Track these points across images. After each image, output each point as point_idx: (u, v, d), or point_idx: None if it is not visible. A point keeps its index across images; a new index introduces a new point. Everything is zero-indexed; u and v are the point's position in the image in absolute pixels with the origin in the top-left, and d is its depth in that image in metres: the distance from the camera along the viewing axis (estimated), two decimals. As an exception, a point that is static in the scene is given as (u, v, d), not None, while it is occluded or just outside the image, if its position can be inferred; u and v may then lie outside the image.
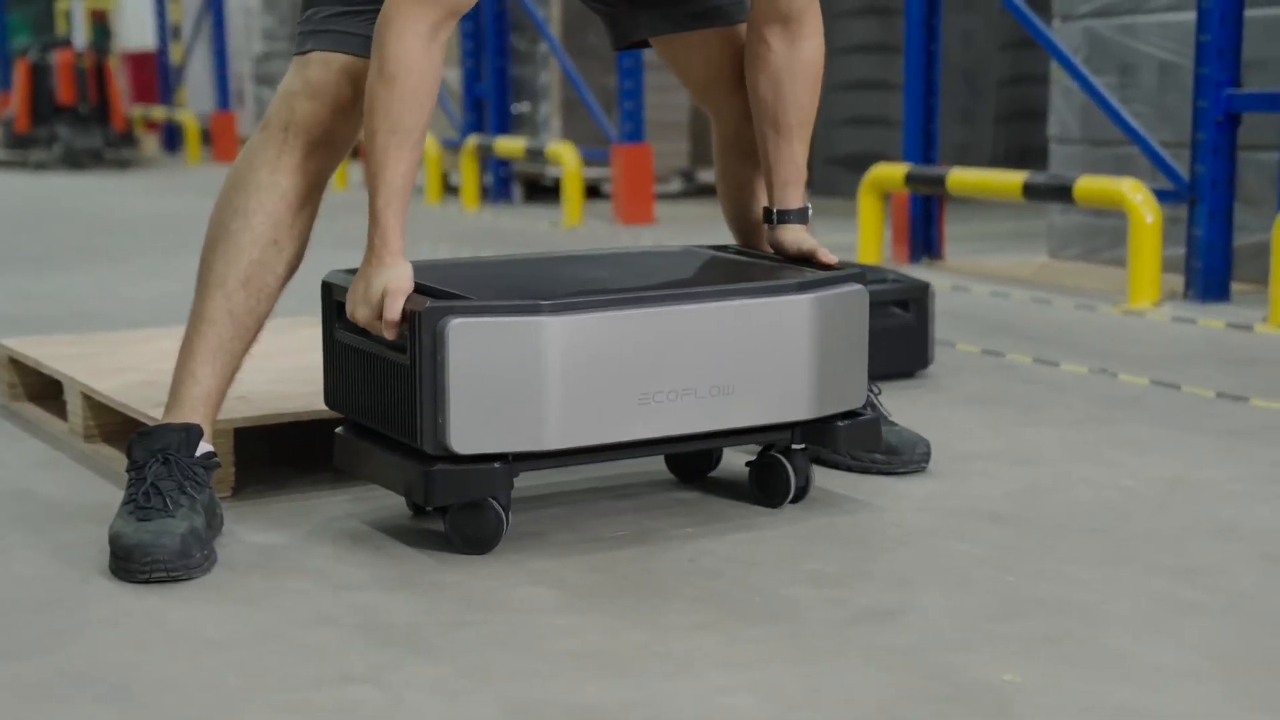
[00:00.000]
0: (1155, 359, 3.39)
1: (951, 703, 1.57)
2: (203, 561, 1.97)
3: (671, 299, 2.08)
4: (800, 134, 2.35)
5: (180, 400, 2.13)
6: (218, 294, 2.12)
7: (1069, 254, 4.99)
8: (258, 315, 2.16)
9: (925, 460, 2.45)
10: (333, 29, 2.13)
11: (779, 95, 2.32)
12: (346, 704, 1.58)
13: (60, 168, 9.66)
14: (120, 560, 1.95)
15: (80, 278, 4.81)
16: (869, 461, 2.43)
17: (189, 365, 2.13)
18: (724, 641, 1.75)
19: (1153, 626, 1.78)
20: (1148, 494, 2.33)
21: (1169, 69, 4.55)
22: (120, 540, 1.96)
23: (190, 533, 1.96)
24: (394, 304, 1.98)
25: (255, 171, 2.14)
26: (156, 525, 1.96)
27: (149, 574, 1.93)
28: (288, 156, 2.13)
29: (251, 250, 2.12)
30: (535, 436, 2.00)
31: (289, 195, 2.13)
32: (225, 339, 2.13)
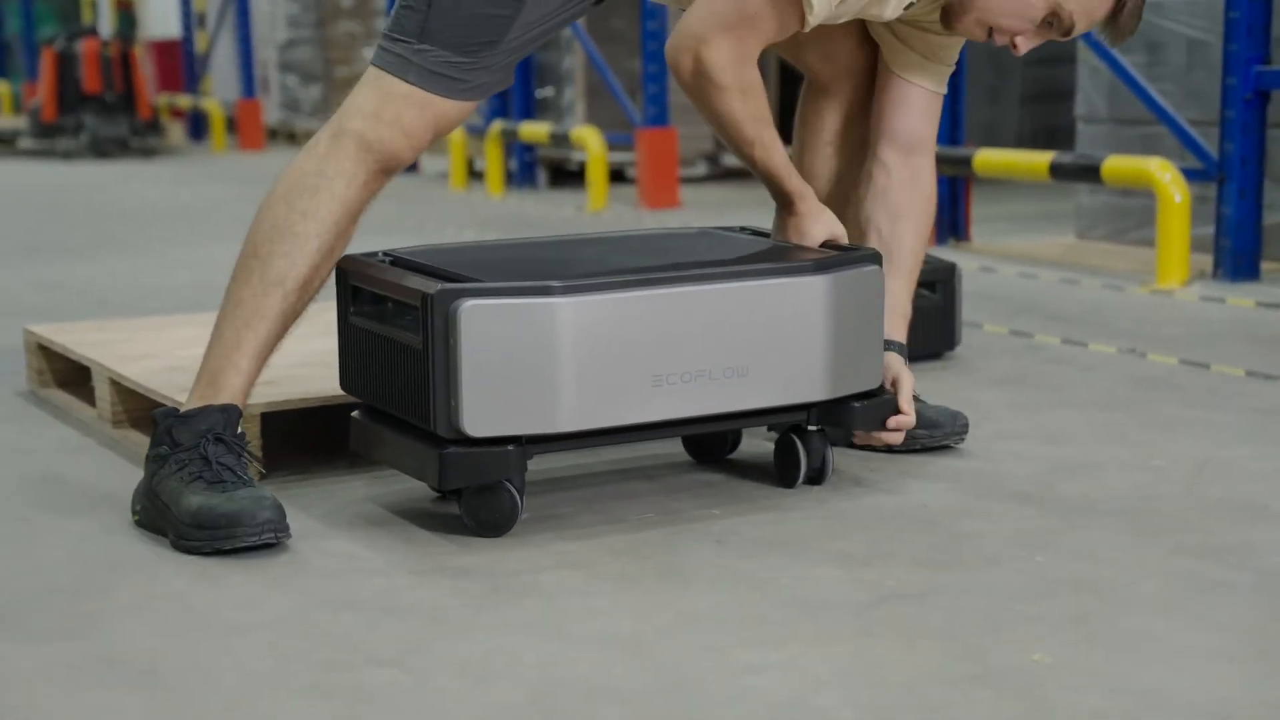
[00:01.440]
0: (1184, 338, 3.37)
1: (979, 683, 1.56)
2: (289, 526, 2.02)
3: (685, 279, 2.07)
4: (913, 269, 2.45)
5: (220, 388, 2.13)
6: (276, 292, 2.13)
7: (1097, 234, 4.96)
8: (299, 315, 2.18)
9: (965, 431, 2.46)
10: (445, 74, 2.13)
11: (895, 234, 2.43)
12: (373, 687, 1.58)
13: (87, 156, 9.70)
14: (220, 530, 1.97)
15: (105, 266, 4.83)
16: (909, 438, 2.42)
17: (232, 356, 2.13)
18: (750, 623, 1.74)
19: (1181, 606, 1.77)
20: (1176, 474, 2.32)
21: (1197, 46, 4.51)
22: (214, 511, 1.98)
23: (276, 498, 2.02)
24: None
25: (330, 181, 2.14)
26: (248, 493, 2.00)
27: (259, 537, 1.97)
28: (362, 173, 2.15)
29: (316, 257, 2.14)
30: (548, 419, 2.00)
31: (354, 210, 2.16)
32: (273, 338, 2.15)
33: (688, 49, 2.20)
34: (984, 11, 2.25)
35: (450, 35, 2.12)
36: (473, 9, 2.12)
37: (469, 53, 2.13)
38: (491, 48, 2.13)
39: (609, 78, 6.62)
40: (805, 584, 1.87)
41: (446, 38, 2.12)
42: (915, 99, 2.44)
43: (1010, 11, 2.24)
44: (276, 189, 2.17)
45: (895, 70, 2.43)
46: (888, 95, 2.45)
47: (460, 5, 2.12)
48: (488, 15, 2.12)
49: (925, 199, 2.46)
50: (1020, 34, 2.27)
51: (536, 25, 2.16)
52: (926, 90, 2.44)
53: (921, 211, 2.45)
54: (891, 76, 2.44)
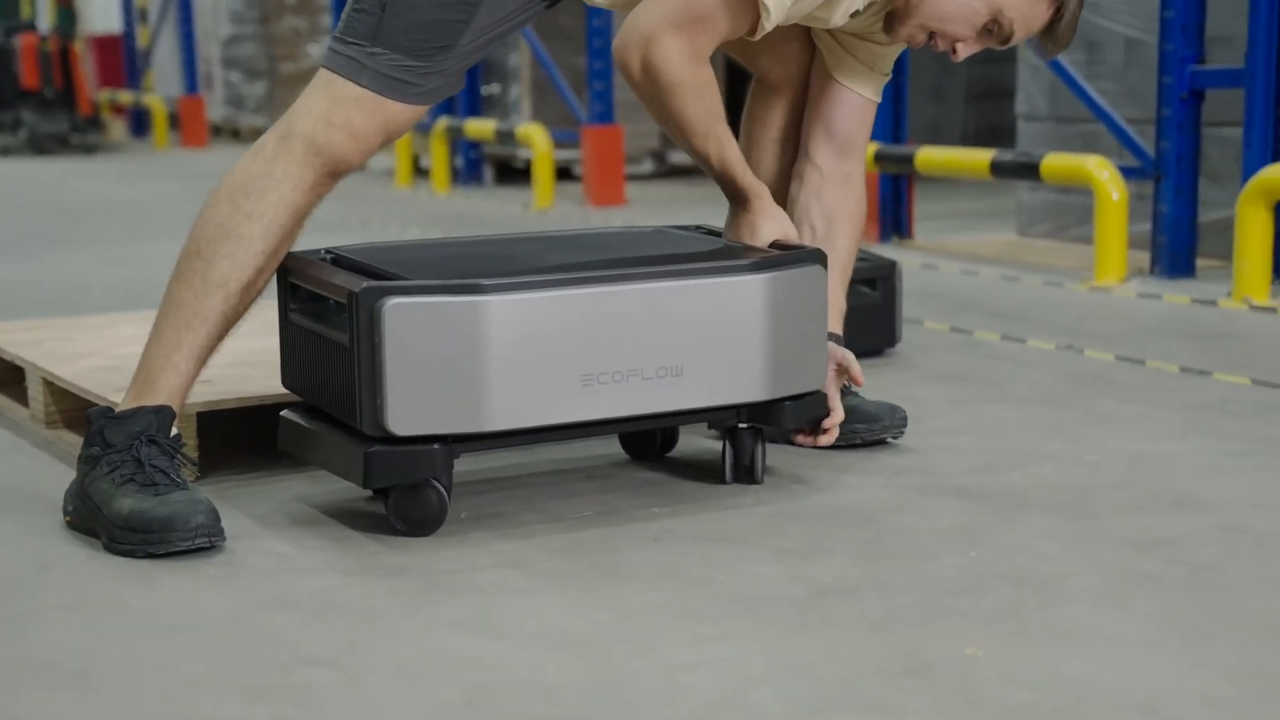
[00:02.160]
0: (1121, 335, 3.40)
1: (913, 677, 1.58)
2: (223, 529, 2.00)
3: (616, 278, 2.06)
4: (846, 267, 2.48)
5: (156, 388, 2.11)
6: (218, 294, 2.11)
7: (1037, 231, 5.00)
8: (240, 318, 2.17)
9: (904, 425, 2.48)
10: (398, 78, 2.11)
11: (830, 234, 2.45)
12: (307, 687, 1.58)
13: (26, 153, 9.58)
14: (152, 534, 1.95)
15: (42, 264, 4.77)
16: (848, 432, 2.43)
17: (171, 357, 2.11)
18: (687, 620, 1.75)
19: (1112, 599, 1.79)
20: (1110, 468, 2.34)
21: (1134, 45, 4.56)
22: (148, 515, 1.96)
23: (210, 502, 2.00)
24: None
25: (278, 184, 2.11)
26: (182, 496, 1.98)
27: (192, 541, 1.95)
28: (310, 176, 2.12)
29: (260, 259, 2.12)
30: (475, 418, 1.99)
31: (300, 213, 2.14)
32: (213, 339, 2.13)
33: (636, 46, 2.19)
34: (927, 17, 2.27)
35: (404, 39, 2.11)
36: (427, 13, 2.11)
37: (423, 57, 2.11)
38: (445, 52, 2.12)
39: (555, 75, 6.62)
40: (743, 580, 1.87)
41: (400, 42, 2.11)
42: (852, 104, 2.46)
43: (953, 18, 2.26)
44: (222, 188, 2.14)
45: (835, 75, 2.45)
46: (825, 99, 2.46)
47: (415, 9, 2.10)
48: (442, 20, 2.11)
49: (858, 201, 2.49)
50: (961, 40, 2.29)
51: (491, 30, 2.15)
52: (863, 98, 2.46)
53: (855, 213, 2.48)
54: (830, 81, 2.45)
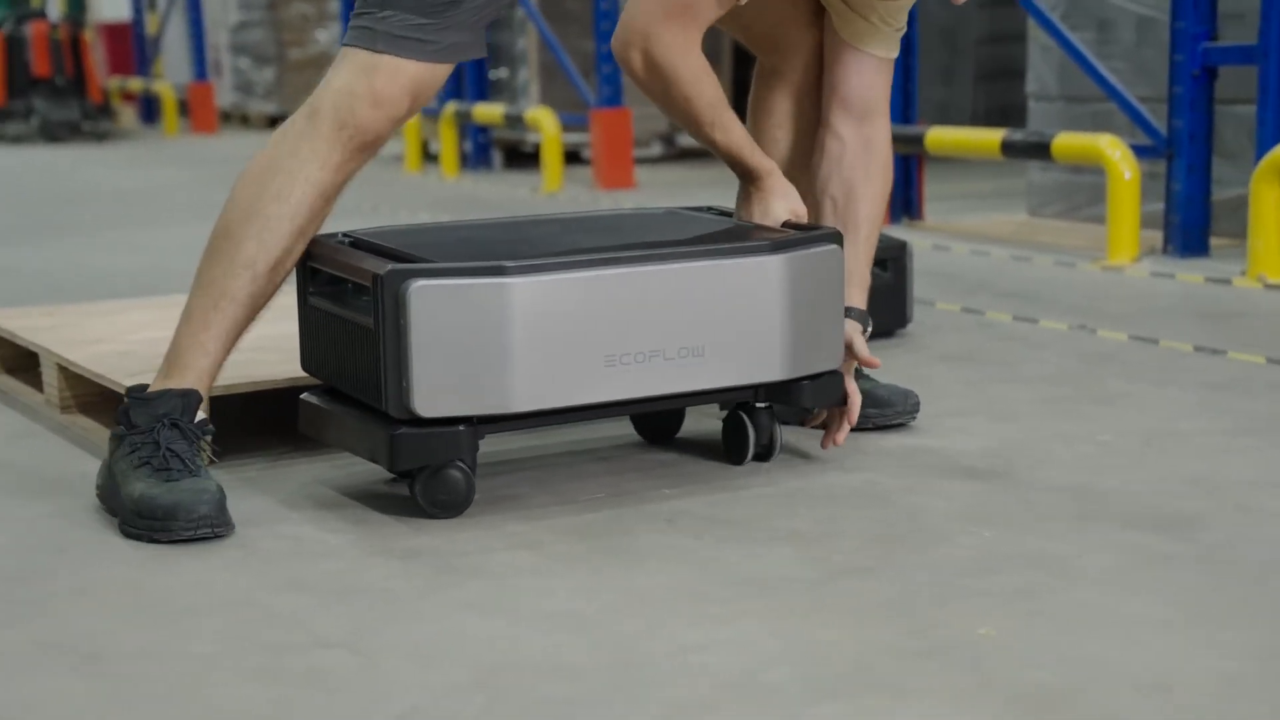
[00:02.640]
0: (1134, 314, 3.39)
1: (926, 658, 1.57)
2: (231, 519, 1.99)
3: (639, 259, 2.06)
4: (869, 236, 2.41)
5: (185, 369, 2.11)
6: (245, 275, 2.10)
7: (1048, 211, 4.99)
8: (269, 298, 2.16)
9: (916, 410, 2.47)
10: (411, 36, 2.09)
11: (851, 204, 2.40)
12: (321, 669, 1.58)
13: (37, 141, 9.60)
14: (157, 521, 1.95)
15: (56, 251, 4.78)
16: (861, 418, 2.43)
17: (201, 337, 2.11)
18: (699, 600, 1.75)
19: (1126, 579, 1.79)
20: (1123, 448, 2.34)
21: (1146, 24, 4.54)
22: (154, 501, 1.96)
23: (221, 491, 1.99)
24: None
25: (304, 164, 2.10)
26: (190, 484, 1.97)
27: (194, 531, 1.94)
28: (336, 154, 2.10)
29: (287, 240, 2.11)
30: (500, 399, 1.99)
31: (328, 192, 2.13)
32: (242, 320, 2.12)
33: (635, 45, 2.20)
34: None
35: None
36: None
37: (432, 14, 2.09)
38: (454, 6, 2.09)
39: (563, 58, 6.60)
40: (755, 562, 1.87)
41: (408, 2, 2.10)
42: (866, 66, 2.43)
43: None
44: (250, 170, 2.14)
45: (845, 38, 2.43)
46: (839, 64, 2.44)
47: None
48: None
49: (881, 166, 2.44)
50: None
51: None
52: (877, 57, 2.44)
53: (878, 179, 2.43)
54: (842, 45, 2.43)
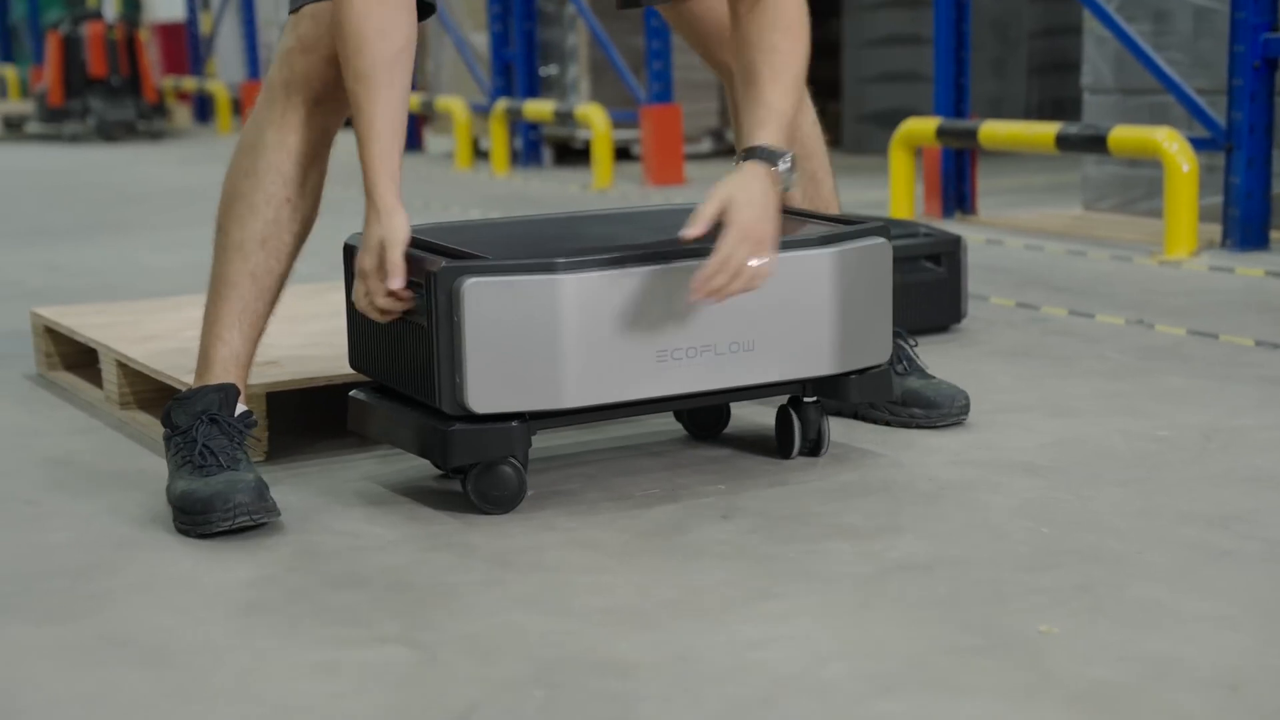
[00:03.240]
0: (1192, 309, 3.36)
1: (984, 654, 1.56)
2: (274, 506, 1.99)
3: (690, 254, 2.06)
4: (773, 78, 2.09)
5: (210, 363, 2.14)
6: (235, 257, 2.12)
7: (1104, 205, 4.94)
8: (277, 275, 2.16)
9: (964, 413, 2.44)
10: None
11: (749, 47, 2.11)
12: (379, 664, 1.59)
13: (93, 140, 9.70)
14: (196, 515, 1.97)
15: (111, 248, 4.83)
16: (906, 416, 2.42)
17: (215, 329, 2.14)
18: (756, 596, 1.74)
19: (1187, 576, 1.77)
20: (1183, 443, 2.31)
21: (1204, 14, 4.48)
22: (192, 496, 1.98)
23: (259, 480, 2.00)
24: (394, 254, 1.97)
25: (262, 132, 2.13)
26: (225, 477, 1.99)
27: (232, 521, 1.95)
28: (291, 114, 2.11)
29: (265, 210, 2.12)
30: (553, 395, 2.00)
31: (296, 153, 2.12)
32: (248, 301, 2.13)
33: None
34: None
35: None
36: None
37: None
38: None
39: (613, 55, 6.60)
40: (811, 557, 1.86)
41: None
42: None
43: None
44: (230, 163, 2.17)
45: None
46: None
47: None
48: None
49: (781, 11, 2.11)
50: None
51: None
52: None
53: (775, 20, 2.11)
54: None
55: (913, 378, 2.45)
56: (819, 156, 2.49)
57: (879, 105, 7.26)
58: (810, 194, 2.47)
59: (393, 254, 1.97)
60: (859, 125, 7.43)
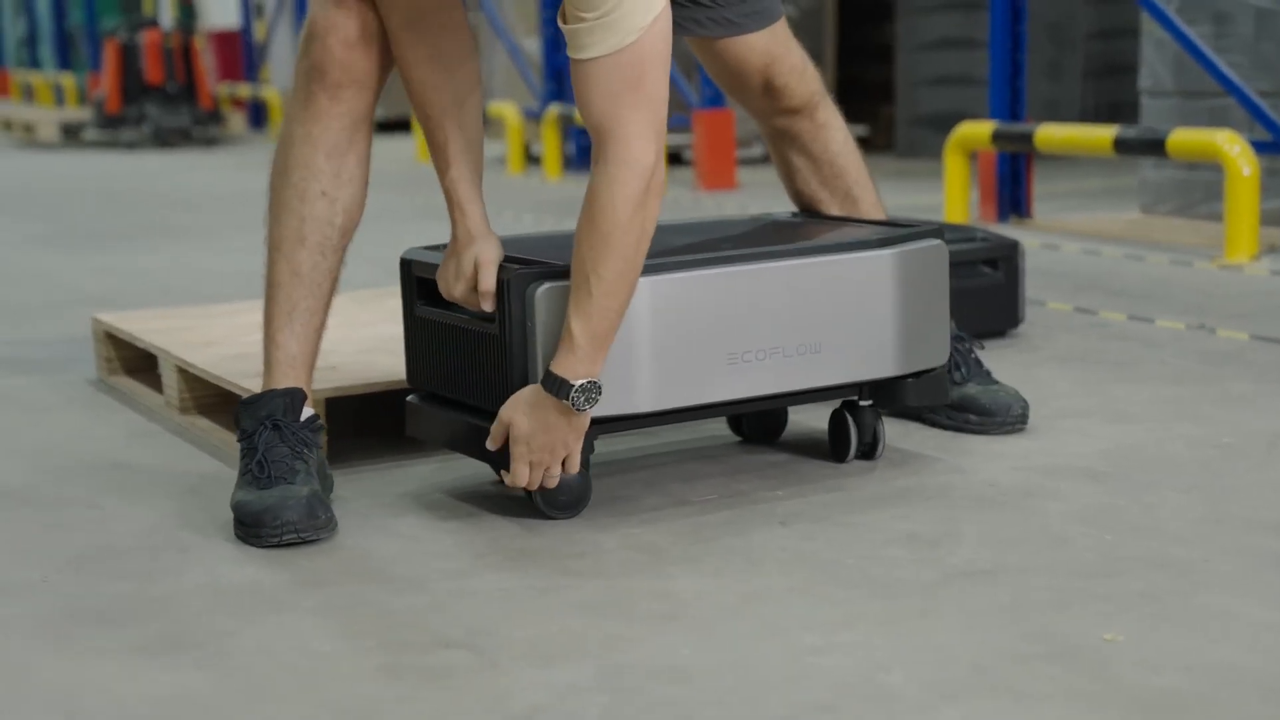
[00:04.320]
0: (1255, 313, 3.31)
1: (1048, 662, 1.55)
2: (328, 522, 1.99)
3: (757, 257, 2.07)
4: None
5: (271, 368, 2.15)
6: (277, 256, 2.12)
7: (1163, 209, 4.89)
8: (324, 270, 2.12)
9: (1021, 423, 2.41)
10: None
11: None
12: (441, 668, 1.59)
13: (150, 147, 9.81)
14: (249, 527, 1.98)
15: (167, 254, 4.88)
16: (961, 421, 2.40)
17: (269, 332, 2.15)
18: (816, 603, 1.74)
19: (1254, 583, 1.75)
20: (1248, 450, 2.28)
21: (1266, 16, 4.43)
22: (246, 508, 1.99)
23: (313, 495, 1.99)
24: (487, 274, 1.99)
25: (290, 127, 2.12)
26: (279, 491, 1.99)
27: (279, 537, 1.95)
28: (313, 104, 2.09)
29: (300, 207, 2.10)
30: (627, 399, 2.00)
31: (322, 143, 2.09)
32: (296, 299, 2.11)
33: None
34: None
35: None
36: None
37: None
38: None
39: (666, 59, 6.60)
40: (871, 563, 1.86)
41: None
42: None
43: None
44: None
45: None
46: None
47: None
48: None
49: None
50: None
51: None
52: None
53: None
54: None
55: (972, 384, 2.43)
56: (852, 173, 2.44)
57: (933, 109, 7.22)
58: (849, 212, 2.44)
59: (487, 274, 1.99)
60: (913, 129, 7.39)
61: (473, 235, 2.03)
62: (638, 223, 1.88)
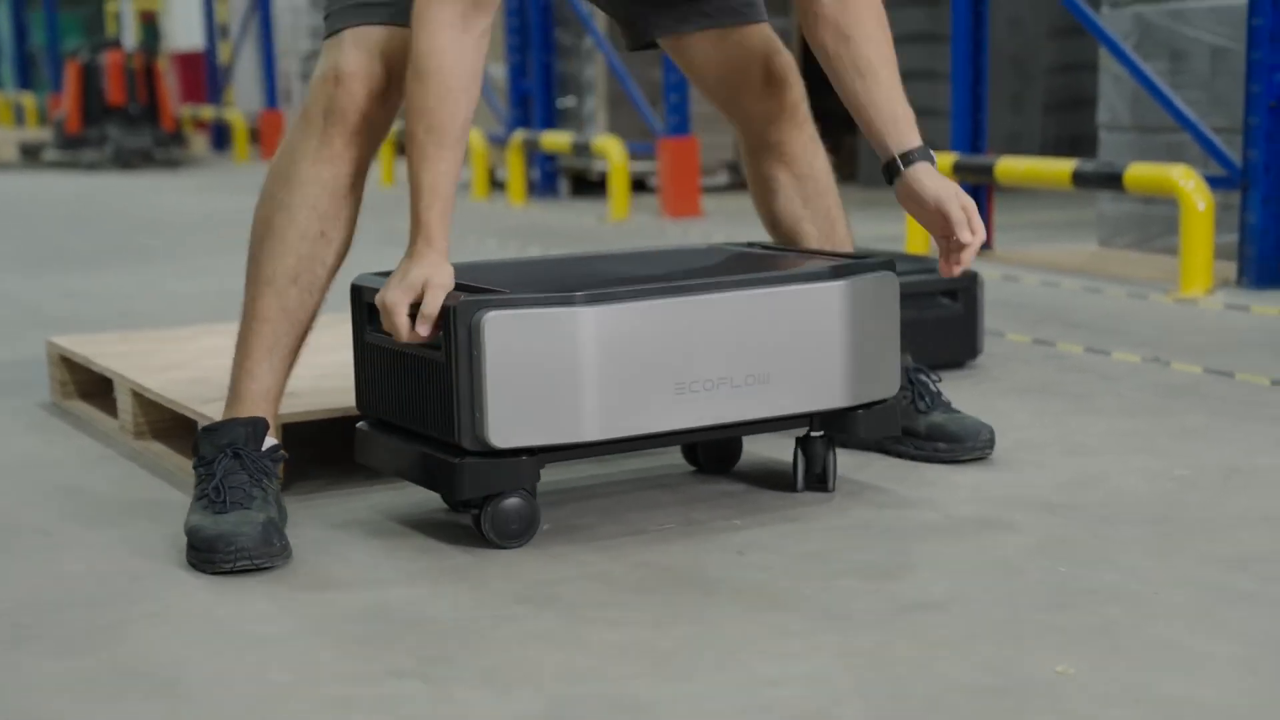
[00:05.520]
0: (1208, 347, 3.35)
1: (1001, 695, 1.55)
2: (282, 549, 1.98)
3: (706, 288, 2.07)
4: (888, 69, 2.25)
5: (240, 397, 2.14)
6: (268, 291, 2.12)
7: (1120, 242, 4.93)
8: (309, 308, 2.15)
9: (989, 448, 2.43)
10: (364, 3, 2.10)
11: (849, 40, 2.21)
12: (393, 698, 1.58)
13: (111, 168, 9.75)
14: (202, 553, 1.96)
15: (128, 276, 4.85)
16: (931, 450, 2.42)
17: (245, 364, 2.14)
18: (771, 634, 1.73)
19: (1206, 617, 1.76)
20: (1201, 483, 2.30)
21: (1221, 54, 4.49)
22: (200, 533, 1.98)
23: (269, 522, 1.98)
24: (434, 297, 1.96)
25: (297, 165, 2.12)
26: (235, 516, 1.98)
27: (233, 563, 1.94)
28: (328, 146, 2.11)
29: (299, 245, 2.12)
30: (573, 428, 2.00)
31: (332, 186, 2.11)
32: (280, 335, 2.13)
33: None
34: None
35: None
36: None
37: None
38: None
39: (630, 87, 6.63)
40: (827, 594, 1.86)
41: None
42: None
43: None
44: (262, 187, 2.17)
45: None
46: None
47: None
48: None
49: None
50: None
51: None
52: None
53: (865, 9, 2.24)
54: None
55: (936, 413, 2.45)
56: (833, 194, 2.50)
57: (894, 140, 7.26)
58: (826, 232, 2.47)
59: (434, 297, 1.95)
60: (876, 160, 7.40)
61: (427, 257, 1.98)
62: None
